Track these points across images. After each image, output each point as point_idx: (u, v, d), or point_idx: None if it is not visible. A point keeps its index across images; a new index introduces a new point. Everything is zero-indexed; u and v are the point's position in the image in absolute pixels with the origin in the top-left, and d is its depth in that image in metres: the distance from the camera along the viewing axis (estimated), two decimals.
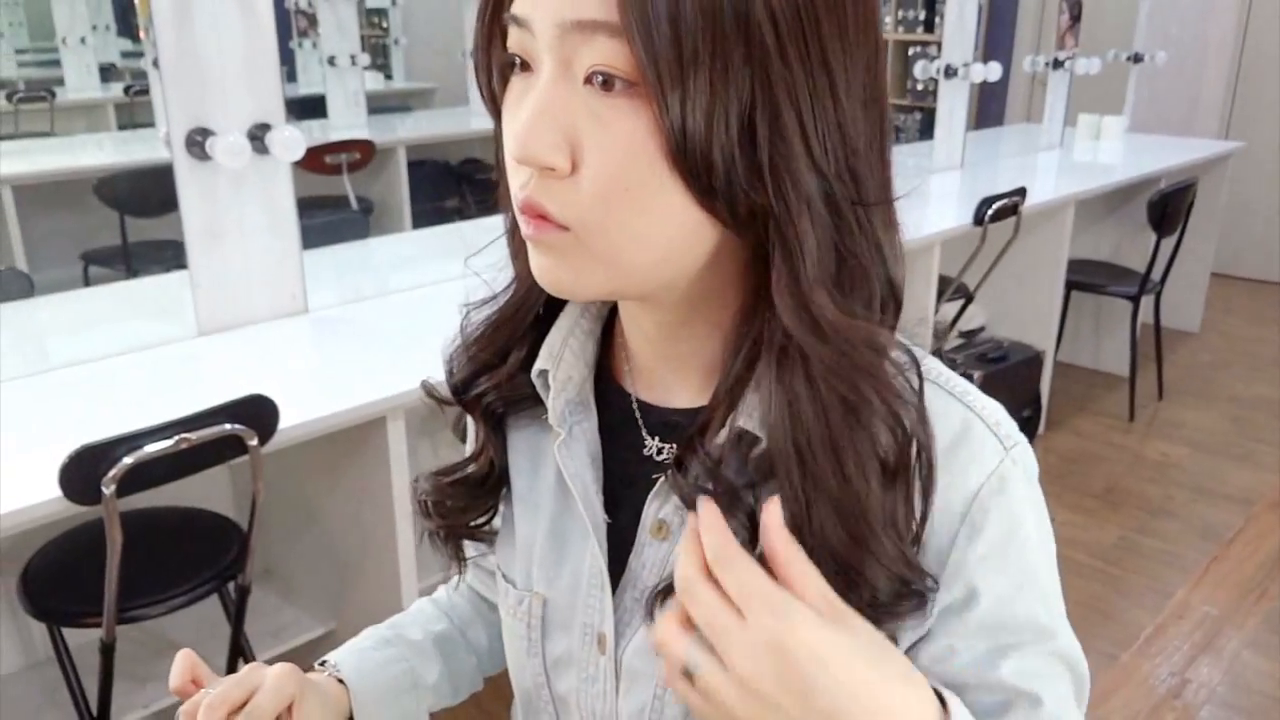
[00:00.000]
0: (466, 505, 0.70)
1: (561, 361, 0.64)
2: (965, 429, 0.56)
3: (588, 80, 0.48)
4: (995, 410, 0.58)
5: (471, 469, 0.69)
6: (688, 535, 0.48)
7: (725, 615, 0.45)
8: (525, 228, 0.52)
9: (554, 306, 0.64)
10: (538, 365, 0.64)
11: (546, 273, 0.54)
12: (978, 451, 0.55)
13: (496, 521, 0.73)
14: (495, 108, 0.56)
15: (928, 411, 0.55)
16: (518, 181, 0.52)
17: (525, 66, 0.51)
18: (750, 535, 0.53)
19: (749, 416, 0.55)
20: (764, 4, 0.45)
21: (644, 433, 0.63)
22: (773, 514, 0.47)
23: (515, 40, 0.51)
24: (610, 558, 0.64)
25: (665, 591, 0.57)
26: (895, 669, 0.47)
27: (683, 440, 0.57)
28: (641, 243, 0.51)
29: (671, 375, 0.62)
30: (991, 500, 0.54)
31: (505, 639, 0.72)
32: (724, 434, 0.55)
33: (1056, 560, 0.59)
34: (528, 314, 0.65)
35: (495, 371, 0.66)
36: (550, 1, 0.48)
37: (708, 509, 0.48)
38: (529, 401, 0.67)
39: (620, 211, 0.49)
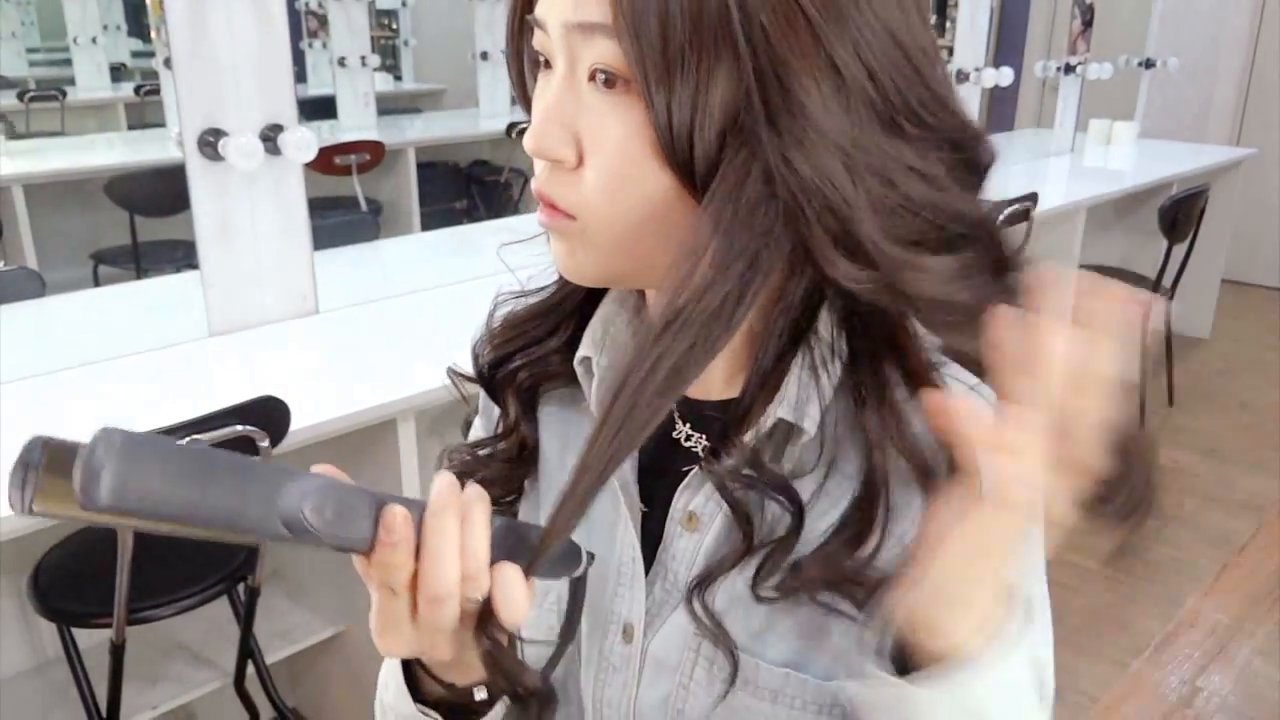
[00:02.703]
0: (496, 479, 0.69)
1: (605, 349, 0.64)
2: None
3: (591, 78, 0.51)
4: None
5: (503, 445, 0.69)
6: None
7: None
8: (540, 215, 0.56)
9: (597, 293, 0.65)
10: (581, 352, 0.64)
11: (559, 258, 0.57)
12: None
13: (518, 506, 0.72)
14: (527, 102, 0.58)
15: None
16: (536, 171, 0.55)
17: (548, 64, 0.54)
18: (797, 524, 0.56)
19: (788, 407, 0.56)
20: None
21: (677, 422, 0.64)
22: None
23: (537, 40, 0.54)
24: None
25: (702, 582, 0.59)
26: None
27: (715, 431, 0.59)
28: (642, 232, 0.53)
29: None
30: None
31: (529, 634, 0.72)
32: (765, 424, 0.56)
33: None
34: (576, 298, 0.66)
35: (536, 347, 0.67)
36: (557, 5, 0.51)
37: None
38: (556, 382, 0.68)
39: (620, 203, 0.52)
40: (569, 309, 0.66)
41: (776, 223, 0.49)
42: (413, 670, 0.59)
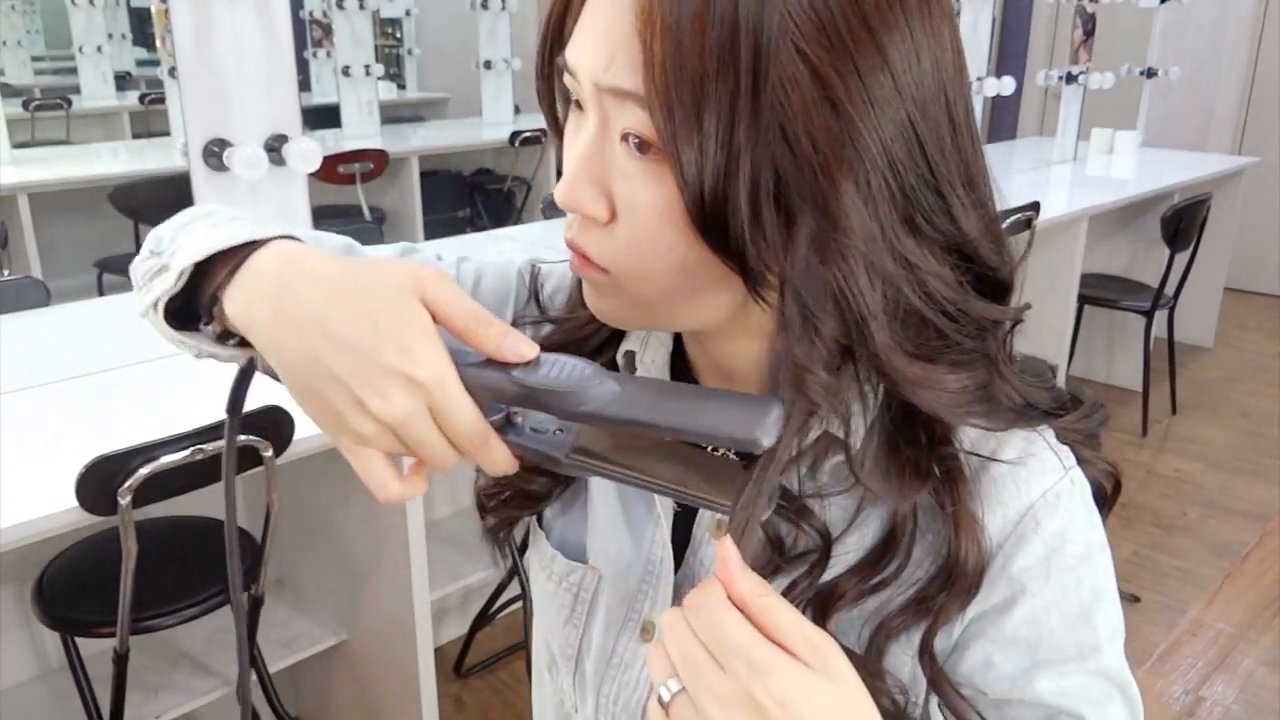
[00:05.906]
0: (539, 488, 0.68)
1: (648, 345, 0.64)
2: (1029, 444, 0.57)
3: (624, 138, 0.50)
4: (1050, 432, 0.58)
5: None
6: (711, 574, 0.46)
7: (703, 657, 0.44)
8: (572, 261, 0.55)
9: None
10: (625, 346, 0.64)
11: (593, 303, 0.57)
12: (1039, 467, 0.56)
13: (544, 512, 0.72)
14: (558, 131, 0.57)
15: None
16: (568, 219, 0.54)
17: (579, 104, 0.53)
18: (823, 556, 0.55)
19: (830, 421, 0.55)
20: (783, 81, 0.45)
21: None
22: (731, 556, 0.45)
23: (569, 80, 0.53)
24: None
25: None
26: None
27: None
28: (673, 292, 0.53)
29: (734, 375, 0.61)
30: (1044, 513, 0.55)
31: (538, 604, 0.72)
32: (809, 437, 0.55)
33: None
34: None
35: (573, 347, 0.66)
36: (589, 61, 0.50)
37: (725, 545, 0.46)
38: None
39: (651, 264, 0.51)
40: None
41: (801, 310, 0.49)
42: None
